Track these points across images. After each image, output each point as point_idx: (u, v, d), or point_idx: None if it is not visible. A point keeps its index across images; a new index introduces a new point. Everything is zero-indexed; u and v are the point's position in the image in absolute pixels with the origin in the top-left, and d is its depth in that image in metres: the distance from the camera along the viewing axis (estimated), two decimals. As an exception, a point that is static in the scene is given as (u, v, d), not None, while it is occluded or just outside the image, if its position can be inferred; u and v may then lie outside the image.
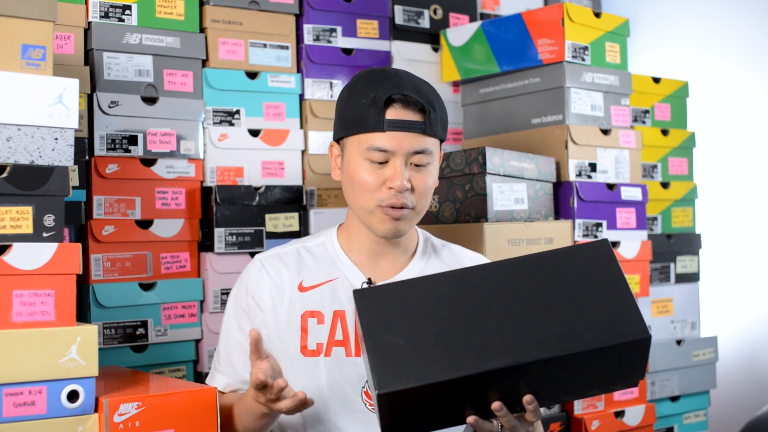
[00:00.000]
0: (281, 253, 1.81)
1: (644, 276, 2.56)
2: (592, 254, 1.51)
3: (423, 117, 1.68)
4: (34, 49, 1.59)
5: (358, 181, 1.70)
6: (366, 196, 1.69)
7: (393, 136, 1.66)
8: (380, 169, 1.68)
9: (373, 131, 1.67)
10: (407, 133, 1.67)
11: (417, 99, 1.67)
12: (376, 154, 1.67)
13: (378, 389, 1.41)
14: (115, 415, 1.53)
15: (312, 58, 2.44)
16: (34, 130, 1.57)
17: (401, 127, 1.66)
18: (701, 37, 3.29)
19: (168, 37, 2.21)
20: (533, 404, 1.48)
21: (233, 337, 1.78)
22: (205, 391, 1.62)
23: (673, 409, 2.71)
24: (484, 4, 2.86)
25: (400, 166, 1.67)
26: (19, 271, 1.52)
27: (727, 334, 3.13)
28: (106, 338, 2.09)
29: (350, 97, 1.72)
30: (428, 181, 1.71)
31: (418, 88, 1.70)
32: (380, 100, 1.66)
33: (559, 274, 1.50)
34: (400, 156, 1.67)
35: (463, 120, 2.71)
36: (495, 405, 1.47)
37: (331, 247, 1.81)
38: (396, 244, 1.78)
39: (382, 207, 1.69)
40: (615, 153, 2.54)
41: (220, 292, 2.24)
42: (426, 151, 1.69)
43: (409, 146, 1.67)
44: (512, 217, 2.31)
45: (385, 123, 1.66)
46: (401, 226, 1.71)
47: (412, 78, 1.72)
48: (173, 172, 2.21)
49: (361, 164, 1.69)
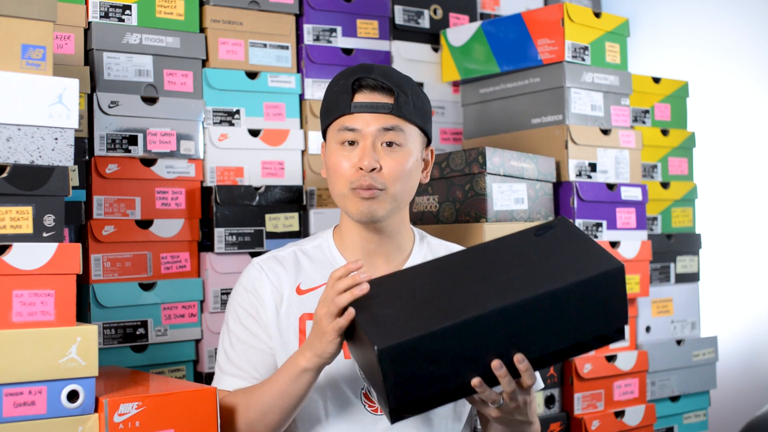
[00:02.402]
0: (278, 256, 1.81)
1: (644, 276, 2.56)
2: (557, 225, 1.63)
3: (392, 99, 1.71)
4: (34, 49, 1.59)
5: (332, 166, 1.74)
6: (340, 180, 1.72)
7: (360, 117, 1.71)
8: (351, 152, 1.72)
9: (342, 114, 1.72)
10: (375, 115, 1.71)
11: (384, 81, 1.71)
12: (345, 134, 1.72)
13: (378, 345, 1.43)
14: (115, 415, 1.53)
15: (312, 58, 2.44)
16: (34, 130, 1.57)
17: (368, 108, 1.71)
18: (701, 37, 3.29)
19: (168, 37, 2.21)
20: (524, 362, 1.51)
21: (238, 338, 1.76)
22: (205, 391, 1.62)
23: (673, 409, 2.71)
24: (484, 4, 2.86)
25: (369, 147, 1.70)
26: (19, 271, 1.52)
27: (727, 334, 3.13)
28: (106, 338, 2.09)
29: (330, 90, 1.78)
30: (403, 165, 1.72)
31: (387, 73, 1.74)
32: (348, 85, 1.72)
33: (532, 242, 1.60)
34: (368, 136, 1.71)
35: (463, 120, 2.71)
36: (494, 363, 1.49)
37: (327, 249, 1.81)
38: (387, 238, 1.78)
39: (353, 190, 1.71)
40: (615, 153, 2.54)
41: (220, 292, 2.24)
42: (396, 129, 1.71)
43: (377, 126, 1.70)
44: (512, 217, 2.31)
45: (352, 105, 1.71)
46: (374, 207, 1.71)
47: (385, 67, 1.77)
48: (173, 172, 2.21)
49: (334, 149, 1.74)
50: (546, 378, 2.40)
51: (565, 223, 1.63)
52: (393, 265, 1.79)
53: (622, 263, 1.52)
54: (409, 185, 1.75)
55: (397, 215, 1.77)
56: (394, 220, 1.77)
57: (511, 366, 1.51)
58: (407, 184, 1.74)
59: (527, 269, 1.54)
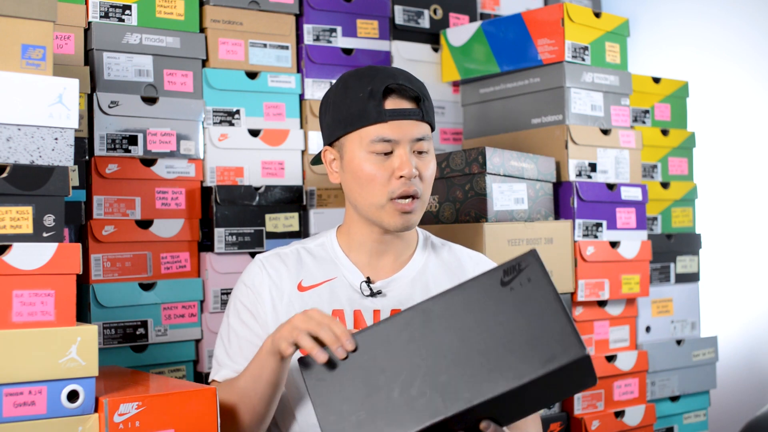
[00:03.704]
0: (281, 253, 1.81)
1: (644, 276, 2.56)
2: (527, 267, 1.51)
3: (418, 105, 1.71)
4: (34, 49, 1.59)
5: (366, 177, 1.70)
6: (376, 190, 1.70)
7: (395, 125, 1.69)
8: (386, 161, 1.70)
9: (374, 123, 1.69)
10: (408, 121, 1.70)
11: (411, 87, 1.71)
12: (380, 145, 1.69)
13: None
14: (115, 415, 1.53)
15: (312, 58, 2.44)
16: (34, 130, 1.57)
17: (402, 115, 1.69)
18: (701, 37, 3.29)
19: (168, 37, 2.21)
20: (491, 428, 1.47)
21: (236, 333, 1.77)
22: (205, 391, 1.62)
23: (673, 409, 2.71)
24: (484, 4, 2.86)
25: (407, 154, 1.69)
26: (19, 271, 1.52)
27: (727, 334, 3.13)
28: (106, 338, 2.09)
29: (345, 95, 1.73)
30: (432, 170, 1.75)
31: (409, 77, 1.74)
32: (378, 92, 1.69)
33: (497, 299, 1.50)
34: (404, 144, 1.70)
35: (463, 120, 2.71)
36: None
37: (331, 248, 1.81)
38: (397, 239, 1.79)
39: (393, 200, 1.70)
40: (615, 153, 2.54)
41: (220, 292, 2.24)
42: (425, 138, 1.73)
43: (411, 133, 1.70)
44: (512, 217, 2.31)
45: (386, 113, 1.68)
46: (413, 219, 1.73)
47: (401, 70, 1.76)
48: (173, 172, 2.21)
49: (365, 158, 1.70)
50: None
51: (535, 264, 1.51)
52: (398, 264, 1.80)
53: (586, 353, 1.41)
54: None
55: None
56: None
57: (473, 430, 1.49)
58: (431, 188, 1.78)
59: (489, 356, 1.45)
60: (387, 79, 1.70)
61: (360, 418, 1.47)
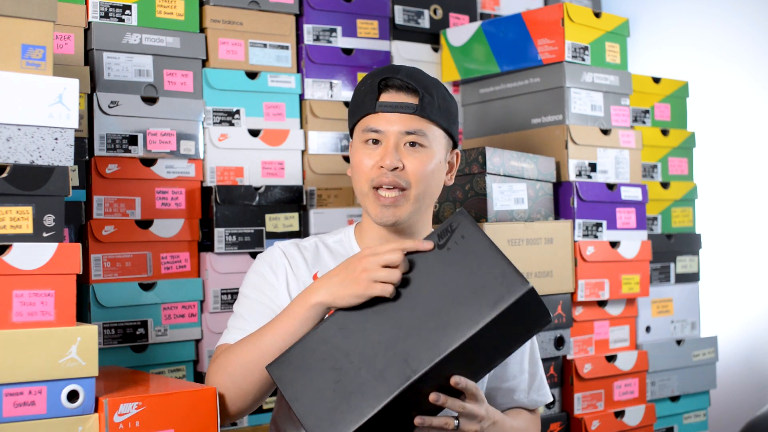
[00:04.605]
0: (300, 245, 1.82)
1: (644, 276, 2.56)
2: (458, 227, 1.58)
3: (417, 100, 1.71)
4: (34, 49, 1.59)
5: (355, 164, 1.75)
6: (361, 177, 1.73)
7: (385, 116, 1.72)
8: (374, 151, 1.73)
9: (367, 113, 1.73)
10: (399, 115, 1.71)
11: (409, 82, 1.71)
12: (369, 134, 1.73)
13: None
14: (115, 415, 1.53)
15: (312, 58, 2.44)
16: (34, 130, 1.57)
17: (392, 108, 1.71)
18: (701, 37, 3.29)
19: (168, 37, 2.21)
20: (462, 382, 1.52)
21: (249, 298, 1.76)
22: (205, 391, 1.62)
23: (673, 409, 2.71)
24: (484, 4, 2.86)
25: (391, 146, 1.71)
26: (19, 271, 1.52)
27: (727, 334, 3.13)
28: (106, 338, 2.09)
29: (357, 89, 1.79)
30: (425, 165, 1.72)
31: (413, 74, 1.74)
32: (375, 85, 1.72)
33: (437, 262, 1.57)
34: (391, 136, 1.71)
35: (463, 120, 2.71)
36: (431, 397, 1.51)
37: (348, 244, 1.83)
38: (408, 237, 1.77)
39: (374, 189, 1.71)
40: (615, 153, 2.54)
41: (220, 292, 2.24)
42: (419, 132, 1.71)
43: (401, 127, 1.71)
44: (512, 217, 2.31)
45: (377, 105, 1.72)
46: (397, 213, 1.72)
47: (413, 68, 1.77)
48: (173, 172, 2.21)
49: (358, 147, 1.75)
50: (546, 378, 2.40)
51: (465, 222, 1.58)
52: None
53: (530, 285, 1.48)
54: (432, 186, 1.75)
55: (421, 216, 1.77)
56: (417, 221, 1.77)
57: (447, 391, 1.52)
58: (430, 185, 1.75)
59: (441, 315, 1.52)
60: (387, 73, 1.73)
61: (335, 404, 1.50)
